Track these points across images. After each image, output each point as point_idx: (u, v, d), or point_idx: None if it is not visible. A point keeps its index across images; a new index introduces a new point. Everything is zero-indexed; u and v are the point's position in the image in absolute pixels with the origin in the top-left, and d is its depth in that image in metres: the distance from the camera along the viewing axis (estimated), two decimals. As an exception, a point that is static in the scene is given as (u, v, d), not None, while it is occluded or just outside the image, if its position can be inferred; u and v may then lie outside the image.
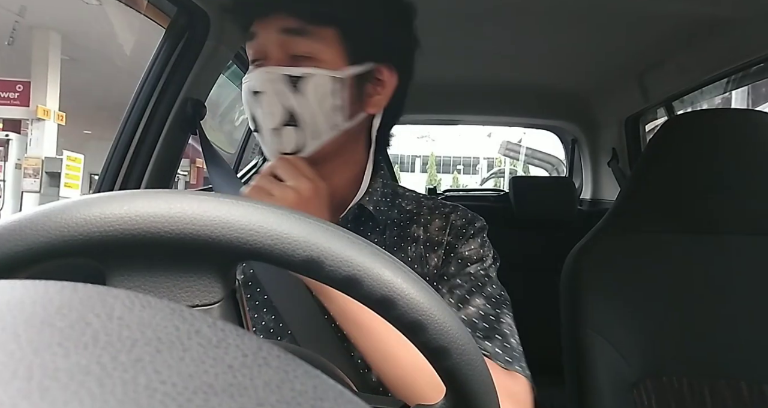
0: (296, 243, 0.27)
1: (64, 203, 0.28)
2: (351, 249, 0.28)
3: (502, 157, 14.96)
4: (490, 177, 16.47)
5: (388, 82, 0.66)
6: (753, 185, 0.97)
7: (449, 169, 37.52)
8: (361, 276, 0.28)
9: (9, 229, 0.27)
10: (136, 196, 0.27)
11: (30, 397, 0.12)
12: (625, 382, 0.94)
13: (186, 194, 0.28)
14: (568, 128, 2.37)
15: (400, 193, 0.75)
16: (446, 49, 1.47)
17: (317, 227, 0.28)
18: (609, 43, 1.40)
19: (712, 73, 1.39)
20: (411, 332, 0.29)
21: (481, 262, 0.67)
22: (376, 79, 0.65)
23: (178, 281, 0.29)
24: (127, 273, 0.29)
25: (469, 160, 37.11)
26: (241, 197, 0.29)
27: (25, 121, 7.51)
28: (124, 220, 0.27)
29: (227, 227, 0.27)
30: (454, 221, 0.70)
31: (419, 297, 0.28)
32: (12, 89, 7.32)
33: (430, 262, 0.68)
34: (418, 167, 37.60)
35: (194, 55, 1.04)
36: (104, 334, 0.14)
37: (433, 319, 0.29)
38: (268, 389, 0.14)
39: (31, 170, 7.18)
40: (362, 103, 0.65)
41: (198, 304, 0.30)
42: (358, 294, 0.28)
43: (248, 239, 0.27)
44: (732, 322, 0.96)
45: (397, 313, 0.28)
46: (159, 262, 0.29)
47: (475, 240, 0.69)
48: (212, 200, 0.28)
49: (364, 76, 0.64)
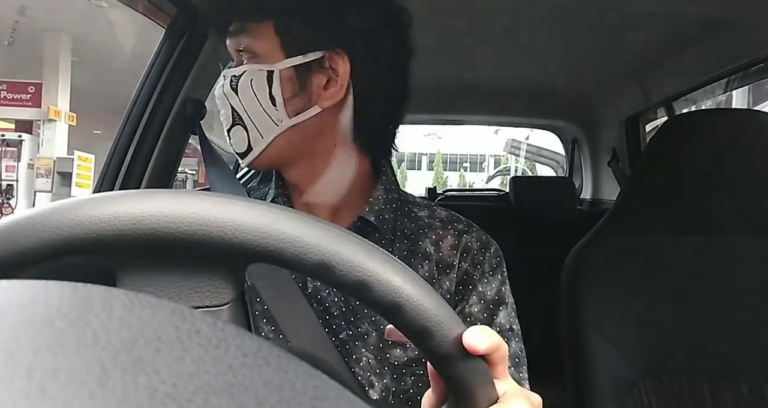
0: (308, 246, 0.27)
1: (77, 200, 0.28)
2: (362, 254, 0.28)
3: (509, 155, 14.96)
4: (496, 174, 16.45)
5: (341, 72, 0.61)
6: (753, 185, 0.96)
7: (456, 166, 37.33)
8: (372, 281, 0.28)
9: (22, 225, 0.27)
10: (150, 196, 0.28)
11: (30, 397, 0.12)
12: (625, 382, 0.94)
13: (199, 195, 0.28)
14: (568, 128, 2.37)
15: (410, 201, 0.71)
16: (445, 49, 1.47)
17: (329, 232, 0.28)
18: (609, 43, 1.40)
19: (712, 73, 1.39)
20: (418, 339, 0.29)
21: (505, 305, 0.65)
22: (329, 68, 0.61)
23: (188, 281, 0.29)
24: (138, 272, 0.29)
25: (476, 158, 36.88)
26: (253, 199, 0.29)
27: (36, 121, 7.65)
28: (138, 220, 0.27)
29: (240, 229, 0.27)
30: (468, 244, 0.66)
31: (428, 304, 0.29)
32: (24, 91, 7.47)
33: (443, 285, 0.65)
34: (424, 165, 37.52)
35: (194, 55, 1.04)
36: (104, 334, 0.14)
37: (441, 326, 0.29)
38: (268, 389, 0.14)
39: (43, 170, 7.25)
40: (311, 97, 0.61)
41: (208, 305, 0.30)
42: (367, 299, 0.28)
43: (261, 242, 0.27)
44: (732, 322, 0.96)
45: (405, 319, 0.28)
46: (170, 262, 0.29)
47: (495, 277, 0.65)
48: (226, 202, 0.28)
49: (307, 66, 0.60)
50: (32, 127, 7.73)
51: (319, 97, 0.61)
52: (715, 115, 1.06)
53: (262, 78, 0.60)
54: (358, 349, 0.62)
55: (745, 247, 0.99)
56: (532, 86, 1.91)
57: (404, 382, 0.62)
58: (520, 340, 0.65)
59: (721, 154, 0.97)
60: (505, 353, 0.33)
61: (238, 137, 0.62)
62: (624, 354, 0.94)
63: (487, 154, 34.59)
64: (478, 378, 0.30)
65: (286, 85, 0.60)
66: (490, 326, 0.63)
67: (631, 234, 1.02)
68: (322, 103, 0.61)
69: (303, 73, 0.60)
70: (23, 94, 7.45)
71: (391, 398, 0.61)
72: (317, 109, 0.61)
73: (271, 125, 0.61)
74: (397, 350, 0.62)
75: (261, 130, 0.61)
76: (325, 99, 0.61)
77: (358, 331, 0.62)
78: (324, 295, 0.64)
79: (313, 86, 0.61)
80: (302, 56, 0.60)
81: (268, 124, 0.61)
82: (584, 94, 1.97)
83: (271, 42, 0.60)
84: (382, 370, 0.62)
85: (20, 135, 7.38)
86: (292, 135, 0.61)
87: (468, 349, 0.30)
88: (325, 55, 0.60)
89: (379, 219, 0.65)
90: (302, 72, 0.60)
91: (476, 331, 0.30)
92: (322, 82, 0.61)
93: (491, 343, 0.30)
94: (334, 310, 0.63)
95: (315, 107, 0.61)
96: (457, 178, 34.53)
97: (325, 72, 0.61)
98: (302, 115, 0.61)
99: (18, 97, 7.45)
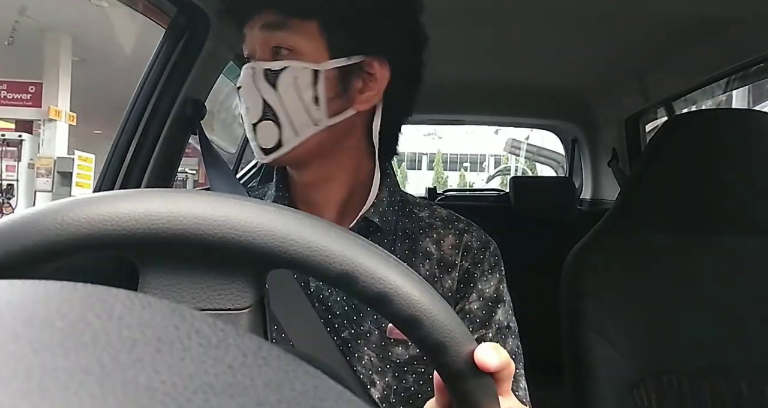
0: (333, 256, 0.28)
1: (107, 195, 0.28)
2: (384, 267, 0.28)
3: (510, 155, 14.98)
4: (496, 174, 16.46)
5: (379, 77, 0.62)
6: (753, 185, 0.96)
7: (456, 166, 37.25)
8: (392, 294, 0.28)
9: (48, 217, 0.26)
10: (181, 196, 0.28)
11: (30, 397, 0.12)
12: (625, 382, 0.94)
13: (229, 198, 0.28)
14: (568, 128, 2.37)
15: (411, 201, 0.72)
16: (445, 49, 1.46)
17: (354, 243, 0.29)
18: (609, 43, 1.40)
19: (712, 73, 1.39)
20: (433, 353, 0.30)
21: (503, 303, 0.66)
22: (366, 73, 0.62)
23: (212, 283, 0.30)
24: (162, 271, 0.29)
25: (476, 158, 36.81)
26: (281, 205, 0.29)
27: (37, 121, 7.64)
28: (168, 219, 0.27)
29: (269, 235, 0.27)
30: (469, 243, 0.67)
31: (445, 319, 0.29)
32: (25, 91, 7.47)
33: (444, 284, 0.65)
34: (424, 165, 37.48)
35: (194, 55, 1.04)
36: (104, 334, 0.14)
37: (456, 342, 0.29)
38: (268, 389, 0.14)
39: (44, 170, 7.26)
40: (349, 99, 0.62)
41: (230, 307, 0.30)
42: (386, 311, 0.29)
43: (288, 248, 0.27)
44: (732, 322, 0.96)
45: (422, 333, 0.29)
46: (195, 263, 0.29)
47: (494, 275, 0.67)
48: (255, 206, 0.28)
49: (349, 69, 0.61)
50: (32, 126, 7.75)
51: (355, 101, 0.62)
52: (715, 115, 1.06)
53: (307, 76, 0.59)
54: (361, 347, 0.62)
55: (745, 247, 0.99)
56: (532, 86, 1.91)
57: (406, 380, 0.62)
58: (517, 338, 0.66)
59: (721, 154, 0.97)
60: (512, 371, 0.34)
61: (267, 132, 0.61)
62: (624, 354, 0.94)
63: (487, 154, 34.53)
64: (485, 395, 0.31)
65: (330, 86, 0.60)
66: (489, 323, 0.63)
67: (631, 234, 1.02)
68: (358, 107, 0.62)
69: (345, 76, 0.61)
70: (24, 93, 7.45)
71: (392, 396, 0.62)
72: (352, 112, 0.62)
73: (309, 124, 0.61)
74: (399, 348, 0.63)
75: (297, 127, 0.61)
76: (361, 102, 0.62)
77: (360, 329, 0.63)
78: (326, 294, 0.64)
79: (352, 89, 0.62)
80: (346, 59, 0.61)
81: (306, 122, 0.61)
82: (584, 94, 1.97)
83: (315, 41, 0.60)
84: (384, 369, 0.62)
85: (20, 135, 7.39)
86: (323, 135, 0.62)
87: (479, 366, 0.30)
88: (365, 59, 0.61)
89: (383, 220, 0.65)
90: (345, 74, 0.61)
91: (488, 349, 0.31)
92: (359, 85, 0.62)
93: (501, 362, 0.31)
94: (336, 309, 0.64)
95: (350, 110, 0.62)
96: (457, 177, 34.50)
97: (363, 76, 0.62)
98: (339, 116, 0.62)
99: (18, 97, 7.46)
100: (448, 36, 1.36)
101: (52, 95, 7.45)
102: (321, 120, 0.61)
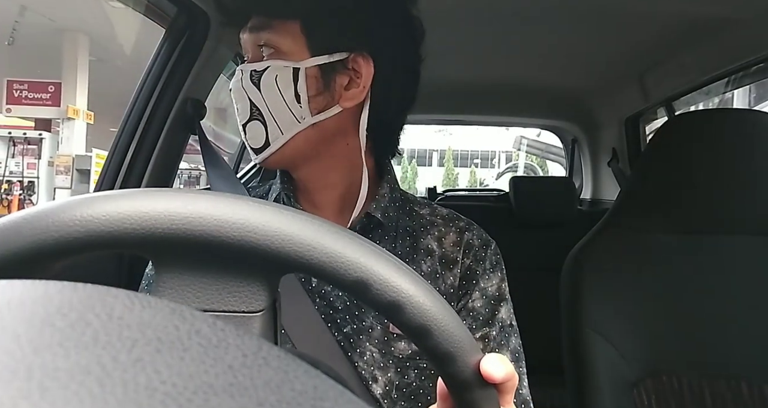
0: (349, 263, 0.28)
1: (125, 193, 0.28)
2: (398, 276, 0.29)
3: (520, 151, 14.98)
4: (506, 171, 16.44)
5: (364, 73, 0.62)
6: (753, 185, 0.96)
7: (467, 162, 36.99)
8: (404, 303, 0.28)
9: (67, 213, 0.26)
10: (201, 197, 0.28)
11: (30, 397, 0.12)
12: (625, 382, 0.94)
13: (248, 201, 0.29)
14: (568, 128, 2.37)
15: (411, 199, 0.72)
16: (445, 49, 1.47)
17: (369, 250, 0.29)
18: (609, 43, 1.40)
19: (712, 73, 1.39)
20: (440, 363, 0.30)
21: (506, 301, 0.66)
22: (351, 70, 0.62)
23: (227, 285, 0.30)
24: (178, 271, 0.29)
25: (486, 154, 36.61)
26: (298, 210, 0.30)
27: (56, 120, 7.77)
28: (188, 220, 0.27)
29: (287, 240, 0.27)
30: (470, 241, 0.68)
31: (454, 329, 0.29)
32: (44, 90, 7.61)
33: (446, 281, 0.66)
34: (435, 161, 37.35)
35: (194, 55, 1.04)
36: (104, 334, 0.14)
37: (464, 352, 0.30)
38: (268, 389, 0.14)
39: (63, 167, 7.34)
40: (334, 96, 0.62)
41: (244, 310, 0.30)
42: (396, 320, 0.29)
43: (305, 254, 0.28)
44: (732, 322, 0.96)
45: (431, 343, 0.29)
46: (212, 265, 0.29)
47: (495, 273, 0.67)
48: (273, 210, 0.28)
49: (332, 66, 0.61)
50: (51, 125, 7.85)
51: (341, 97, 0.62)
52: (715, 115, 1.06)
53: (288, 74, 0.60)
54: (363, 343, 0.63)
55: (746, 247, 0.99)
56: (532, 86, 1.91)
57: (407, 376, 0.63)
58: (519, 336, 0.67)
59: (721, 154, 0.97)
60: (515, 384, 0.34)
61: (255, 132, 0.62)
62: (624, 354, 0.94)
63: (498, 150, 34.33)
64: (488, 406, 0.31)
65: (311, 83, 0.61)
66: (492, 321, 0.64)
67: (630, 234, 1.02)
68: (344, 104, 0.62)
69: (328, 73, 0.61)
70: (43, 93, 7.62)
71: (394, 392, 0.62)
72: (338, 109, 0.62)
73: (292, 122, 0.61)
74: (402, 343, 0.63)
75: (281, 126, 0.61)
76: (347, 99, 0.62)
77: (362, 324, 0.63)
78: (327, 290, 0.65)
79: (336, 86, 0.62)
80: (328, 56, 0.61)
81: (290, 120, 0.61)
82: (584, 94, 1.97)
83: (296, 39, 0.61)
84: (386, 364, 0.62)
85: (41, 133, 7.50)
86: (310, 133, 0.62)
87: (485, 377, 0.30)
88: (349, 56, 0.61)
89: (385, 216, 0.66)
90: (327, 71, 0.61)
91: (494, 360, 0.31)
92: (344, 82, 0.62)
93: (506, 373, 0.31)
94: (338, 304, 0.64)
95: (336, 107, 0.62)
96: (467, 174, 34.41)
97: (348, 73, 0.62)
98: (324, 113, 0.62)
99: (39, 97, 7.63)
100: (448, 36, 1.36)
101: (70, 94, 7.61)
102: (304, 117, 0.61)
